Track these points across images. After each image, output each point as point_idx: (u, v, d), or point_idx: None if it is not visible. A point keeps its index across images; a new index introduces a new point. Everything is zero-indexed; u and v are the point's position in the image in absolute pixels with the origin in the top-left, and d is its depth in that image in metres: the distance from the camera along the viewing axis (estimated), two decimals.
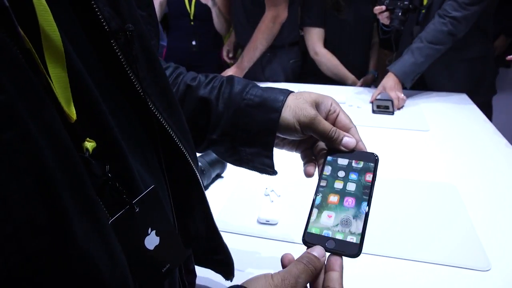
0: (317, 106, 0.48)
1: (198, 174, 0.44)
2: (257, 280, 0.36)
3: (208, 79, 0.53)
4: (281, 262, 0.40)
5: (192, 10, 1.91)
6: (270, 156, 0.50)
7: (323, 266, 0.38)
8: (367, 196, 0.42)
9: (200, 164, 0.88)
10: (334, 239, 0.40)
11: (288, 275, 0.36)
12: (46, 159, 0.21)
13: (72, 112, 0.26)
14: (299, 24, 1.79)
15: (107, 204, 0.28)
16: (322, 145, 0.50)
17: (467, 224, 0.75)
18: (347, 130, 0.48)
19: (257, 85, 0.53)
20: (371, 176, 0.44)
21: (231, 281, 0.56)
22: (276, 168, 0.52)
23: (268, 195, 0.86)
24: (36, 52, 0.23)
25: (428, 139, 1.17)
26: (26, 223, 0.20)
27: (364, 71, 1.86)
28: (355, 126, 0.49)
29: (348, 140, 0.46)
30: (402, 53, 1.47)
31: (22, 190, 0.20)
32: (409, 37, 1.50)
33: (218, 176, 0.95)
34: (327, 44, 1.76)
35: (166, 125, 0.38)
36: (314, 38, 1.74)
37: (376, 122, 1.32)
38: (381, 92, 1.47)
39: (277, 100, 0.48)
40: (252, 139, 0.49)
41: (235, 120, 0.50)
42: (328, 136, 0.46)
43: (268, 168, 0.51)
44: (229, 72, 1.61)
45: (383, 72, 1.51)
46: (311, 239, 0.40)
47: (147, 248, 0.32)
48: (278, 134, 0.49)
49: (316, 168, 0.49)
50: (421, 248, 0.69)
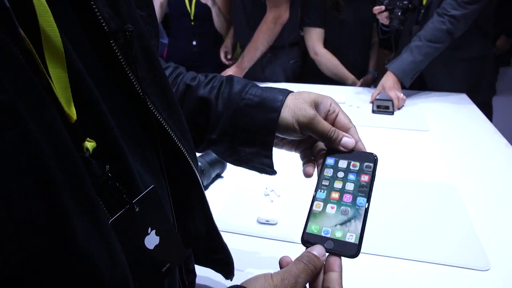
0: (316, 106, 0.48)
1: (197, 174, 0.44)
2: (257, 280, 0.36)
3: (208, 79, 0.53)
4: (279, 265, 0.39)
5: (192, 10, 1.91)
6: (269, 156, 0.50)
7: (323, 266, 0.38)
8: (366, 196, 0.42)
9: (200, 164, 0.88)
10: (333, 240, 0.40)
11: (288, 275, 0.36)
12: (47, 159, 0.21)
13: (72, 112, 0.26)
14: (299, 24, 1.79)
15: (107, 204, 0.28)
16: (321, 145, 0.50)
17: (466, 224, 0.75)
18: (346, 130, 0.48)
19: (256, 85, 0.53)
20: (370, 177, 0.44)
21: (231, 280, 0.56)
22: (276, 168, 0.52)
23: (268, 195, 0.86)
24: (36, 52, 0.23)
25: (428, 139, 1.17)
26: (27, 222, 0.20)
27: (364, 71, 1.86)
28: (355, 126, 0.49)
29: (347, 140, 0.46)
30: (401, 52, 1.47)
31: (23, 190, 0.20)
32: (408, 37, 1.50)
33: (218, 176, 0.95)
34: (327, 44, 1.76)
35: (165, 125, 0.38)
36: (314, 38, 1.74)
37: (376, 122, 1.32)
38: (380, 91, 1.47)
39: (277, 100, 0.48)
40: (251, 139, 0.49)
41: (234, 119, 0.50)
42: (327, 136, 0.46)
43: (267, 168, 0.51)
44: (229, 72, 1.61)
45: (383, 72, 1.51)
46: (310, 239, 0.40)
47: (147, 248, 0.32)
48: (277, 134, 0.49)
49: (315, 168, 0.49)
50: (420, 248, 0.69)
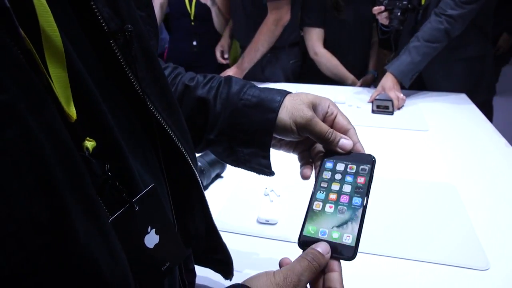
0: (314, 107, 0.48)
1: (197, 174, 0.44)
2: (258, 278, 0.36)
3: (206, 79, 0.53)
4: (279, 267, 0.39)
5: (192, 11, 1.91)
6: (267, 157, 0.50)
7: (326, 264, 0.38)
8: (363, 198, 0.42)
9: (200, 164, 0.88)
10: (330, 242, 0.40)
11: (291, 273, 0.36)
12: (47, 158, 0.21)
13: (72, 111, 0.26)
14: (299, 24, 1.79)
15: (107, 203, 0.28)
16: (319, 147, 0.49)
17: (466, 223, 0.75)
18: (345, 131, 0.48)
19: (254, 85, 0.52)
20: (368, 179, 0.43)
21: (230, 280, 0.56)
22: (276, 168, 0.52)
23: (268, 195, 0.86)
24: (36, 52, 0.23)
25: (427, 139, 1.17)
26: (28, 221, 0.20)
27: (364, 71, 1.86)
28: (354, 128, 0.48)
29: (344, 142, 0.46)
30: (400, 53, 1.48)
31: (24, 189, 0.20)
32: (408, 37, 1.50)
33: (218, 176, 0.95)
34: (327, 44, 1.76)
35: (165, 125, 0.38)
36: (314, 38, 1.74)
37: (375, 122, 1.32)
38: (380, 92, 1.47)
39: (274, 101, 0.48)
40: (249, 139, 0.49)
41: (232, 120, 0.50)
42: (324, 138, 0.46)
43: (265, 169, 0.51)
44: (229, 72, 1.61)
45: (382, 72, 1.51)
46: (307, 243, 0.40)
47: (147, 247, 0.33)
48: (275, 135, 0.49)
49: (313, 171, 0.49)
50: (420, 248, 0.69)
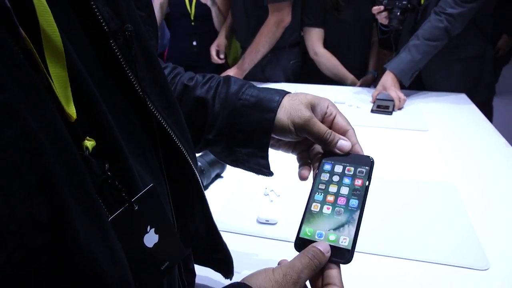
0: (312, 108, 0.48)
1: (197, 173, 0.44)
2: (257, 275, 0.36)
3: (205, 79, 0.53)
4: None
5: (192, 11, 1.91)
6: (266, 157, 0.50)
7: (326, 263, 0.38)
8: (361, 200, 0.42)
9: (200, 164, 0.88)
10: None
11: (290, 271, 0.36)
12: (47, 157, 0.22)
13: (72, 111, 0.26)
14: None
15: (106, 202, 0.29)
16: (318, 148, 0.49)
17: (466, 223, 0.75)
18: (344, 132, 0.47)
19: (253, 85, 0.52)
20: (366, 181, 0.43)
21: (230, 279, 0.56)
22: (276, 168, 0.52)
23: (268, 194, 0.86)
24: (36, 52, 0.24)
25: (427, 139, 1.17)
26: (29, 220, 0.20)
27: (364, 71, 1.86)
28: (353, 129, 0.48)
29: (343, 143, 0.46)
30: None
31: (25, 188, 0.20)
32: (408, 37, 1.50)
33: (218, 176, 0.96)
34: (327, 44, 1.76)
35: (165, 125, 0.38)
36: (314, 38, 1.74)
37: (375, 122, 1.32)
38: (380, 91, 1.47)
39: (273, 101, 0.48)
40: (247, 139, 0.49)
41: (230, 120, 0.50)
42: (322, 138, 0.46)
43: (263, 169, 0.51)
44: (230, 73, 1.61)
45: (382, 72, 1.51)
46: (303, 245, 0.40)
47: (146, 246, 0.33)
48: (273, 135, 0.49)
49: (311, 171, 0.49)
50: (420, 248, 0.69)
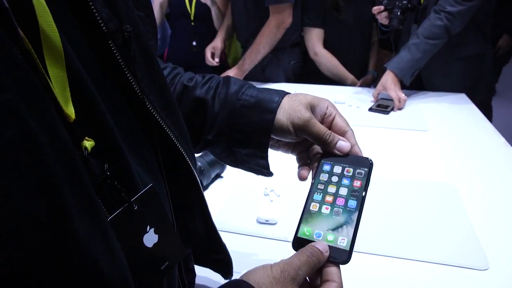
0: (312, 108, 0.48)
1: (196, 174, 0.44)
2: (256, 272, 0.36)
3: (205, 80, 0.53)
4: None
5: (192, 11, 1.91)
6: (265, 157, 0.50)
7: (324, 262, 0.38)
8: (359, 202, 0.42)
9: (200, 164, 0.88)
10: None
11: (289, 267, 0.36)
12: (47, 157, 0.22)
13: (70, 111, 0.26)
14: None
15: (105, 202, 0.29)
16: (317, 148, 0.49)
17: (466, 223, 0.75)
18: (343, 133, 0.47)
19: (253, 86, 0.52)
20: (365, 182, 0.43)
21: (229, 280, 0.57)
22: (276, 168, 0.52)
23: (268, 194, 0.86)
24: (35, 52, 0.24)
25: (427, 139, 1.17)
26: (29, 219, 0.20)
27: (364, 71, 1.86)
28: (352, 130, 0.48)
29: (342, 144, 0.46)
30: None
31: (25, 188, 0.20)
32: (408, 37, 1.51)
33: (218, 176, 0.96)
34: (327, 44, 1.76)
35: (164, 125, 0.38)
36: (314, 38, 1.74)
37: (375, 122, 1.32)
38: (380, 91, 1.47)
39: (272, 101, 0.48)
40: (247, 140, 0.49)
41: (230, 120, 0.50)
42: (322, 139, 0.46)
43: (263, 169, 0.51)
44: (230, 73, 1.61)
45: (382, 72, 1.51)
46: (301, 245, 0.40)
47: (146, 246, 0.33)
48: (273, 136, 0.49)
49: (311, 172, 0.49)
50: (420, 248, 0.69)
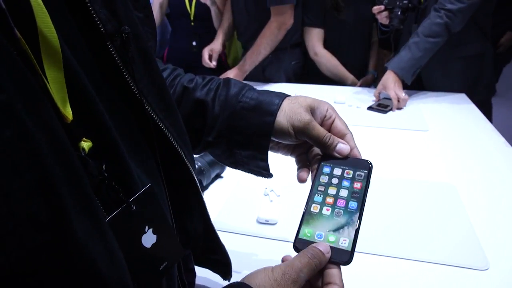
0: (312, 111, 0.48)
1: (195, 175, 0.44)
2: (256, 274, 0.36)
3: (205, 81, 0.53)
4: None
5: (192, 11, 1.91)
6: (265, 159, 0.50)
7: (326, 263, 0.38)
8: (360, 203, 0.42)
9: (200, 164, 0.88)
10: None
11: (290, 269, 0.36)
12: (45, 157, 0.22)
13: (68, 112, 0.26)
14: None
15: (104, 203, 0.29)
16: (317, 151, 0.49)
17: (466, 223, 0.75)
18: (342, 136, 0.48)
19: (253, 88, 0.52)
20: (364, 184, 0.43)
21: (228, 281, 0.56)
22: (275, 168, 0.52)
23: (268, 195, 0.86)
24: (33, 53, 0.24)
25: (427, 139, 1.17)
26: (28, 219, 0.21)
27: (364, 71, 1.86)
28: (351, 133, 0.48)
29: (342, 147, 0.46)
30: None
31: (24, 188, 0.20)
32: (408, 36, 1.50)
33: (218, 176, 0.96)
34: (327, 44, 1.76)
35: (162, 126, 0.38)
36: (314, 38, 1.74)
37: (375, 122, 1.32)
38: (380, 91, 1.46)
39: (273, 104, 0.48)
40: (247, 142, 0.49)
41: (230, 122, 0.50)
42: (322, 142, 0.46)
43: (263, 171, 0.51)
44: (230, 74, 1.61)
45: (382, 72, 1.50)
46: (302, 246, 0.40)
47: (144, 246, 0.33)
48: (273, 138, 0.49)
49: (310, 174, 0.49)
50: (420, 248, 0.69)
